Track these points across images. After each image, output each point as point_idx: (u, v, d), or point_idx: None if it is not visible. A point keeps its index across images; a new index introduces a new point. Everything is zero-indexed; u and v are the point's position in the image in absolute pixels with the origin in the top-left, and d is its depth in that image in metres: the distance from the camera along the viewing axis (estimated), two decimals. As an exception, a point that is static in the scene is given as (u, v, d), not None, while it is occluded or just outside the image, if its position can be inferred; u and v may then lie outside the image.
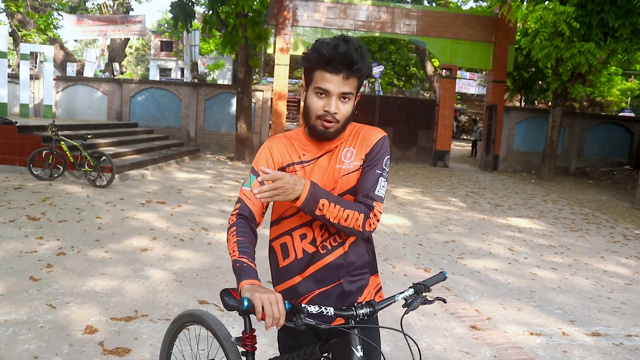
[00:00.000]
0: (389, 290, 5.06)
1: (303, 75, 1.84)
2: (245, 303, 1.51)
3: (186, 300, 4.49)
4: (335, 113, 1.76)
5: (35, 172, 10.05)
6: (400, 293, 1.78)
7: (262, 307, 1.50)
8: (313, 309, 1.61)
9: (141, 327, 3.88)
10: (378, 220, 1.82)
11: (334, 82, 1.73)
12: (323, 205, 1.71)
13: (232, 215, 1.85)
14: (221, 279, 5.10)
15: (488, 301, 5.02)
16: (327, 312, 1.64)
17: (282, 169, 1.86)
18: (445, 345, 3.94)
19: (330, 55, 1.71)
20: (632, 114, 31.72)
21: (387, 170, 1.87)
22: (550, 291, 5.47)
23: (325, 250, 1.87)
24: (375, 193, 1.81)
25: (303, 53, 1.84)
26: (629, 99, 36.98)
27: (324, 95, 1.76)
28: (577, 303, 5.14)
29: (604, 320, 4.72)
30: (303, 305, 1.60)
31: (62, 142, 10.09)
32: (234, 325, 3.95)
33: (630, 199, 12.98)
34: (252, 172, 1.88)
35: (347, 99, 1.77)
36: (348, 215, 1.74)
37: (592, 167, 19.34)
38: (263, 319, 1.51)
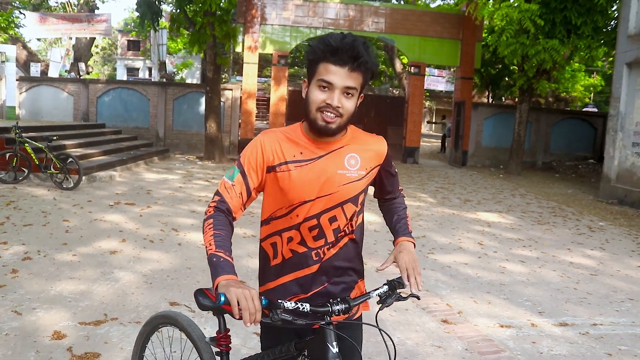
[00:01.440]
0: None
1: (307, 69, 1.79)
2: (222, 298, 1.49)
3: (157, 302, 4.43)
4: (338, 107, 1.70)
5: (-2, 175, 9.81)
6: (375, 290, 1.79)
7: (238, 302, 1.48)
8: (289, 304, 1.60)
9: (111, 331, 3.81)
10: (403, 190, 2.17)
11: (338, 75, 1.68)
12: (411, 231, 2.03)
13: (209, 207, 1.79)
14: (192, 280, 5.05)
15: (459, 295, 5.09)
16: (303, 308, 1.63)
17: (272, 168, 1.80)
18: (417, 340, 3.98)
19: (337, 45, 1.67)
20: (595, 110, 32.51)
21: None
22: (519, 284, 5.57)
23: (317, 257, 1.84)
24: (399, 187, 2.12)
25: (309, 45, 1.82)
26: (592, 94, 37.90)
27: (327, 88, 1.70)
28: (545, 295, 5.25)
29: (571, 311, 4.83)
30: (280, 301, 1.59)
31: (26, 144, 9.86)
32: (206, 327, 3.92)
33: (595, 192, 13.32)
34: (237, 164, 1.82)
35: (350, 95, 1.72)
36: (408, 216, 2.11)
37: (558, 161, 19.78)
38: (239, 318, 1.49)
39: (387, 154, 1.93)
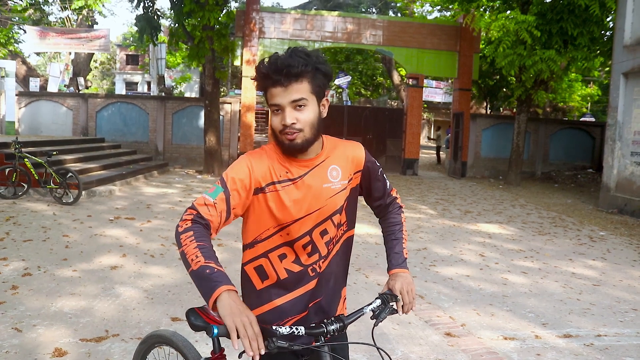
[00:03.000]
0: (363, 300, 5.07)
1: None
2: (215, 331, 1.44)
3: (158, 317, 4.40)
4: (293, 123, 1.68)
5: (-2, 191, 9.79)
6: (368, 305, 1.77)
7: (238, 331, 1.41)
8: (284, 330, 1.56)
9: (112, 348, 3.78)
10: (399, 199, 2.14)
11: (279, 95, 1.67)
12: (406, 255, 1.99)
13: (183, 220, 1.68)
14: (193, 295, 5.02)
15: (461, 308, 5.06)
16: (298, 332, 1.59)
17: (261, 189, 1.76)
18: (420, 354, 3.95)
19: (266, 71, 1.68)
20: (593, 119, 32.62)
21: (379, 164, 2.04)
22: (522, 295, 5.55)
23: (314, 273, 1.83)
24: (389, 187, 2.07)
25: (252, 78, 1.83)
26: (589, 104, 38.03)
27: (278, 110, 1.70)
28: (548, 306, 5.23)
29: (575, 322, 4.80)
30: (274, 328, 1.54)
31: (26, 159, 9.85)
32: (208, 342, 3.89)
33: (595, 201, 13.31)
34: (220, 183, 1.72)
35: (302, 106, 1.69)
36: (404, 233, 2.05)
37: (557, 171, 19.80)
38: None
39: (366, 159, 1.93)
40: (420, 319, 4.65)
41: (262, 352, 1.42)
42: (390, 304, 1.77)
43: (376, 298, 1.79)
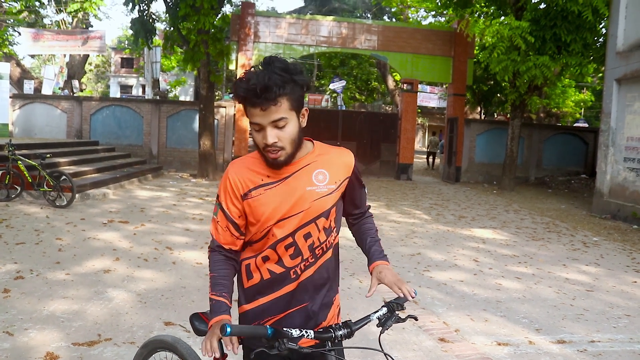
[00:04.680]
0: (357, 305, 5.06)
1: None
2: (228, 329, 1.56)
3: (151, 321, 4.38)
4: (275, 142, 1.72)
5: (-10, 194, 9.74)
6: (375, 312, 1.79)
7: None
8: (295, 332, 1.59)
9: (105, 352, 3.76)
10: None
11: (259, 115, 1.69)
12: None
13: (208, 247, 1.93)
14: (187, 299, 5.00)
15: (455, 313, 5.06)
16: (308, 336, 1.62)
17: (245, 195, 1.84)
18: (414, 359, 3.94)
19: (244, 93, 1.68)
20: (586, 125, 32.80)
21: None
22: (516, 301, 5.56)
23: (295, 275, 1.86)
24: (367, 204, 2.15)
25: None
26: (583, 110, 38.26)
27: (259, 128, 1.73)
28: (541, 311, 5.24)
29: (568, 328, 4.81)
30: (286, 330, 1.57)
31: (19, 162, 9.81)
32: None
33: (588, 206, 13.37)
34: (217, 200, 1.92)
35: (283, 124, 1.71)
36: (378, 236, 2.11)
37: (551, 176, 19.88)
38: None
39: (354, 166, 1.96)
40: (414, 325, 4.65)
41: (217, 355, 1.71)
42: (396, 312, 1.78)
43: (382, 306, 1.81)
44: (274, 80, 1.65)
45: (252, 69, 1.72)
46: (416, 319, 1.84)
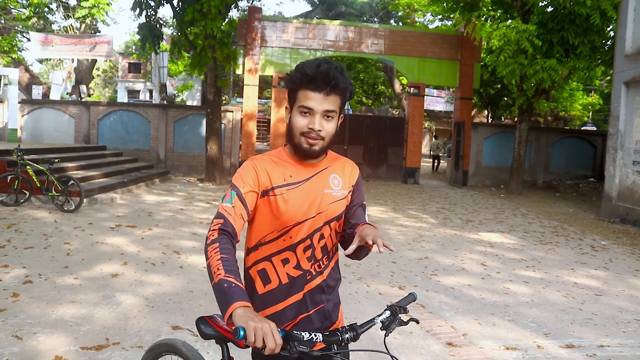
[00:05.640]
0: (364, 309, 5.05)
1: (287, 97, 1.86)
2: (241, 333, 1.40)
3: (159, 326, 4.39)
4: (320, 130, 1.78)
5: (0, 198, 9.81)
6: (378, 316, 1.81)
7: (255, 339, 1.40)
8: (305, 335, 1.61)
9: (113, 356, 3.77)
10: None
11: (316, 100, 1.75)
12: None
13: (212, 230, 1.72)
14: (194, 303, 5.01)
15: (463, 317, 5.04)
16: (316, 339, 1.64)
17: (266, 192, 1.83)
18: (422, 363, 3.93)
19: (312, 74, 1.74)
20: (594, 128, 32.64)
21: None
22: (524, 305, 5.53)
23: (310, 276, 1.87)
24: (367, 221, 1.94)
25: (287, 74, 1.89)
26: (590, 113, 38.08)
27: (307, 113, 1.78)
28: (550, 316, 5.21)
29: (577, 332, 4.78)
30: (296, 333, 1.58)
31: (28, 167, 9.87)
32: (209, 351, 3.88)
33: (596, 210, 13.29)
34: (232, 188, 1.80)
35: (330, 117, 1.79)
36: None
37: (559, 180, 19.78)
38: (243, 347, 1.48)
39: (358, 179, 2.02)
40: (422, 329, 4.63)
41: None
42: (399, 315, 1.79)
43: (385, 310, 1.82)
44: (339, 75, 1.76)
45: (309, 60, 1.80)
46: (418, 322, 1.86)
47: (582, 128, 31.93)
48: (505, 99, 23.60)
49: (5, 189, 9.89)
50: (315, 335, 1.64)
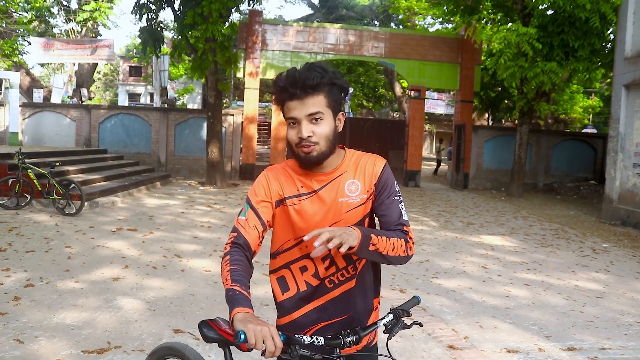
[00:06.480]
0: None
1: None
2: (242, 336, 1.42)
3: (160, 329, 4.39)
4: (310, 136, 1.72)
5: (0, 202, 9.81)
6: (381, 319, 1.81)
7: (255, 341, 1.42)
8: (306, 339, 1.61)
9: (114, 360, 3.78)
10: (414, 243, 1.89)
11: (296, 108, 1.72)
12: (375, 240, 1.71)
13: (227, 244, 1.79)
14: (196, 307, 5.01)
15: (464, 320, 5.04)
16: (318, 342, 1.64)
17: (280, 202, 1.84)
18: (423, 366, 3.93)
19: (283, 84, 1.72)
20: (595, 131, 32.64)
21: (400, 193, 1.92)
22: (525, 308, 5.53)
23: (332, 285, 1.86)
24: (404, 219, 1.87)
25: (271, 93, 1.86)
26: (591, 115, 38.08)
27: (295, 123, 1.74)
28: (551, 318, 5.21)
29: (578, 335, 4.78)
30: (297, 336, 1.59)
31: (29, 170, 9.88)
32: (210, 354, 3.88)
33: (597, 213, 13.28)
34: (246, 201, 1.85)
35: (319, 119, 1.72)
36: (394, 243, 1.78)
37: (559, 182, 19.78)
38: (247, 350, 1.47)
39: (382, 173, 1.87)
40: (423, 332, 4.64)
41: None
42: (402, 319, 1.79)
43: (388, 313, 1.82)
44: (313, 74, 1.70)
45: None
46: (421, 325, 1.85)
47: (583, 131, 31.91)
48: (506, 101, 23.63)
49: (6, 193, 9.90)
50: (317, 339, 1.64)
